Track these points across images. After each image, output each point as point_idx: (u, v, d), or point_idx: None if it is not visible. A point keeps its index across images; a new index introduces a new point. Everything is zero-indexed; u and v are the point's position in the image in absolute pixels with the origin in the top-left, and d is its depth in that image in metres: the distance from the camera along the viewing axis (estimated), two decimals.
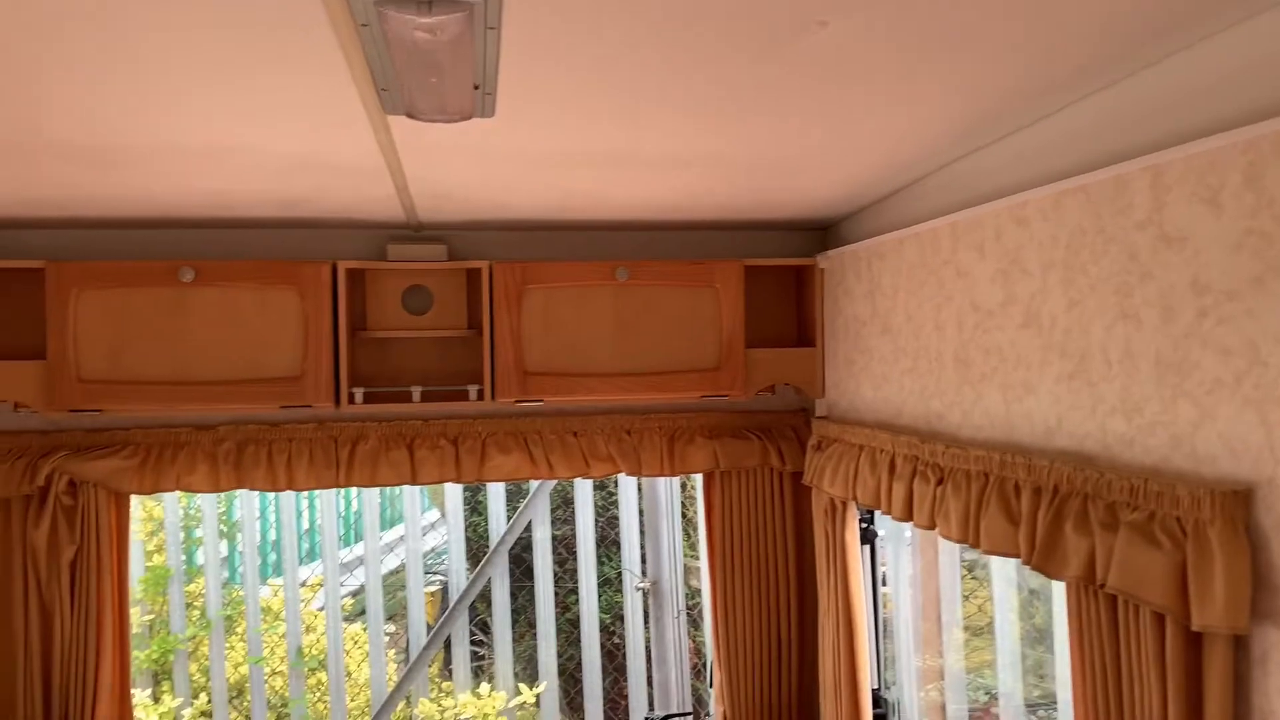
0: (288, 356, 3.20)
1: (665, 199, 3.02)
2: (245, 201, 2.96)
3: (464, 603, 6.21)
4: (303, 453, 3.32)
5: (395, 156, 2.42)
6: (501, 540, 6.14)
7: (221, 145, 2.32)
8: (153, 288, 3.13)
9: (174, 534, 6.51)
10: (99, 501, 3.24)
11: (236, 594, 6.61)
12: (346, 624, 6.70)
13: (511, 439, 3.43)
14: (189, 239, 3.28)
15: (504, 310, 3.27)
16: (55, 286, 3.07)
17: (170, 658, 6.41)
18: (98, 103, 1.98)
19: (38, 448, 3.21)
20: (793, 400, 3.63)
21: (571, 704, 6.56)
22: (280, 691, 6.54)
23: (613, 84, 1.91)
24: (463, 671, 6.27)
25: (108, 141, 2.24)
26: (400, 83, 1.84)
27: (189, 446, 3.29)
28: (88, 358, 3.10)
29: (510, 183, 2.78)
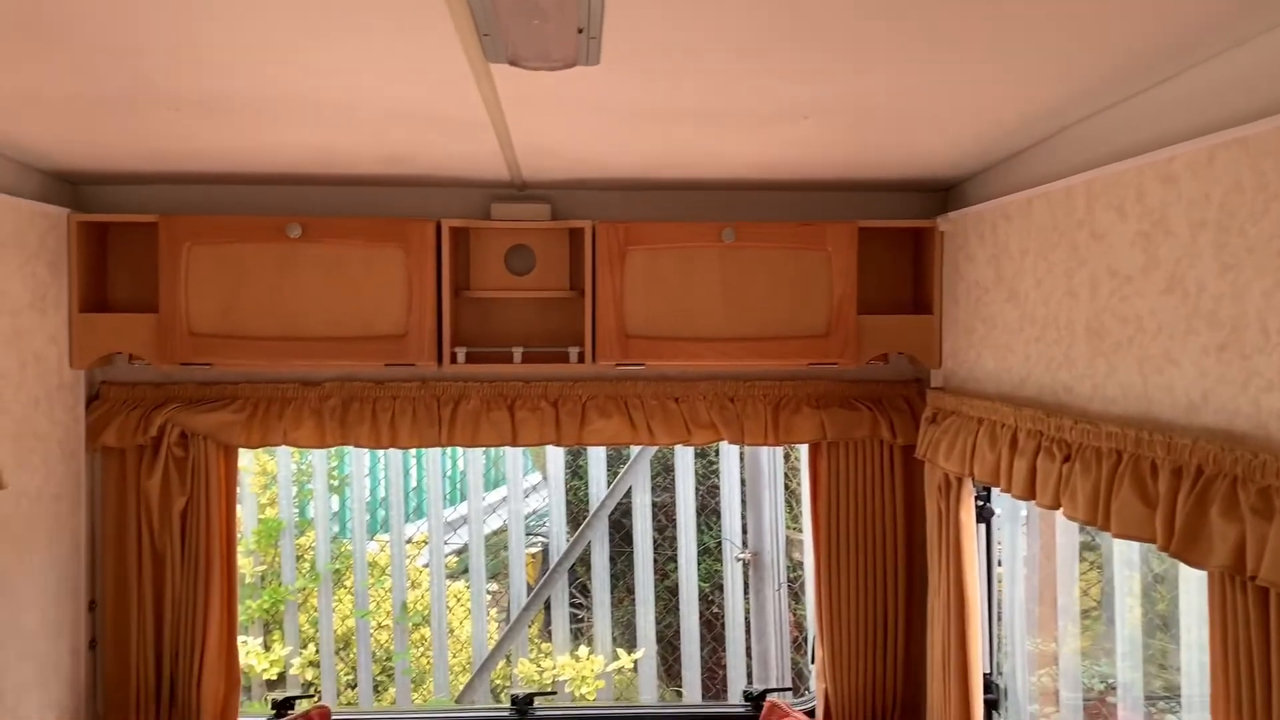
0: (392, 315, 3.19)
1: (776, 157, 2.89)
2: (350, 157, 2.94)
3: (564, 565, 6.22)
4: (406, 411, 3.32)
5: (498, 109, 2.36)
6: (601, 505, 6.12)
7: (324, 97, 2.29)
8: (262, 243, 3.15)
9: (286, 488, 6.69)
10: (209, 454, 3.30)
11: (345, 548, 6.77)
12: (450, 581, 6.80)
13: (612, 403, 3.37)
14: (297, 195, 3.30)
15: (606, 271, 3.20)
16: (168, 240, 3.11)
17: (281, 608, 6.60)
18: (205, 54, 1.96)
19: (151, 400, 3.28)
20: (907, 370, 3.47)
21: (669, 671, 6.53)
22: (385, 645, 6.69)
23: (725, 27, 1.79)
24: (562, 633, 6.30)
25: (215, 92, 2.23)
26: (503, 26, 1.77)
27: (296, 402, 3.32)
28: (198, 311, 3.14)
29: (614, 138, 2.69)
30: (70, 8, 1.70)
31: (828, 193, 3.39)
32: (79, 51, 1.92)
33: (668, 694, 6.52)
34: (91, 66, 2.01)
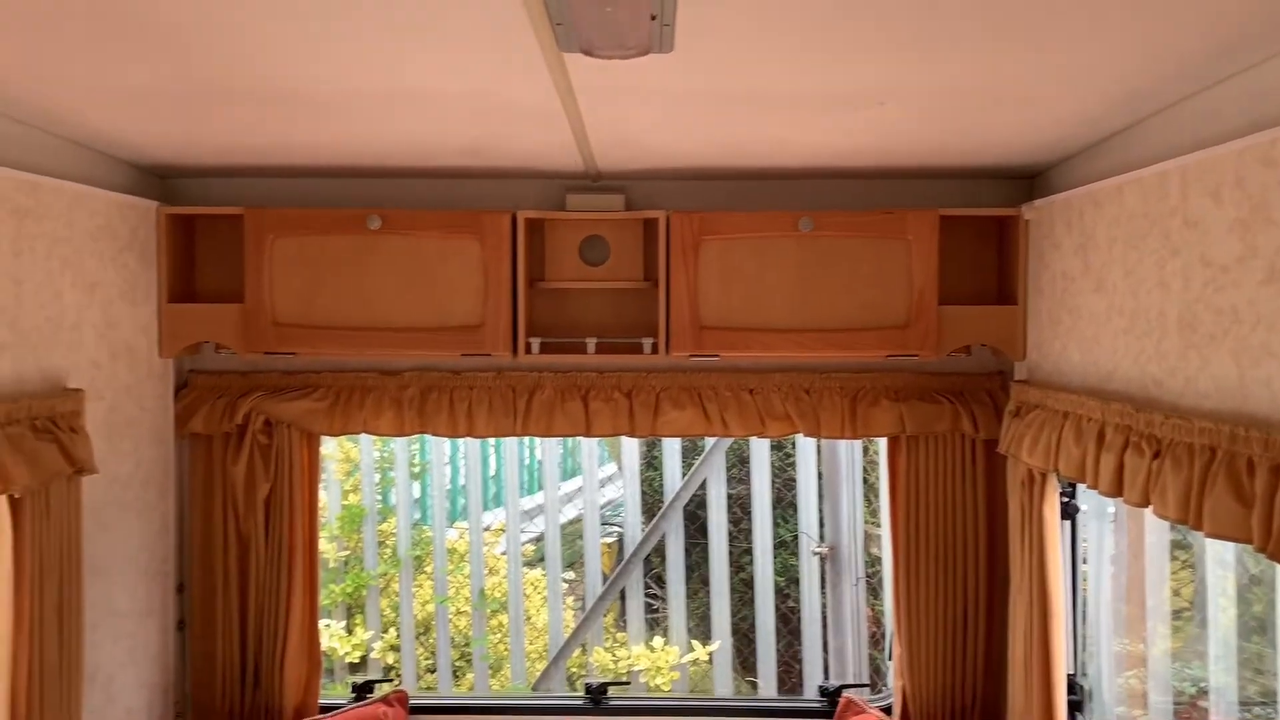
0: (469, 305, 3.22)
1: (854, 143, 2.83)
2: (428, 149, 2.97)
3: (638, 556, 6.23)
4: (482, 401, 3.35)
5: (572, 99, 2.35)
6: (676, 496, 6.11)
7: (401, 90, 2.31)
8: (343, 235, 3.20)
9: (368, 475, 6.82)
10: (292, 441, 3.37)
11: (425, 534, 6.88)
12: (527, 569, 6.87)
13: (685, 394, 3.35)
14: (377, 188, 3.34)
15: (680, 262, 3.18)
16: (253, 232, 3.18)
17: (363, 592, 6.74)
18: (286, 49, 2.00)
19: (237, 388, 3.37)
20: (989, 362, 3.39)
21: (744, 664, 6.50)
22: (464, 630, 6.78)
23: (799, 11, 1.76)
24: (637, 624, 6.31)
25: (295, 87, 2.27)
26: (575, 15, 1.77)
27: (376, 391, 3.37)
28: (282, 301, 3.21)
29: (688, 126, 2.67)
30: (157, 5, 1.74)
31: (908, 180, 3.32)
32: (166, 47, 1.96)
33: (743, 687, 6.49)
34: (178, 62, 2.06)
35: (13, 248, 2.47)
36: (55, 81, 2.25)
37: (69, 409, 2.62)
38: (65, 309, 2.71)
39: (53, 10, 1.75)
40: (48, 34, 1.90)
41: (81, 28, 1.86)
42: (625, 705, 3.65)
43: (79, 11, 1.77)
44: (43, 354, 2.60)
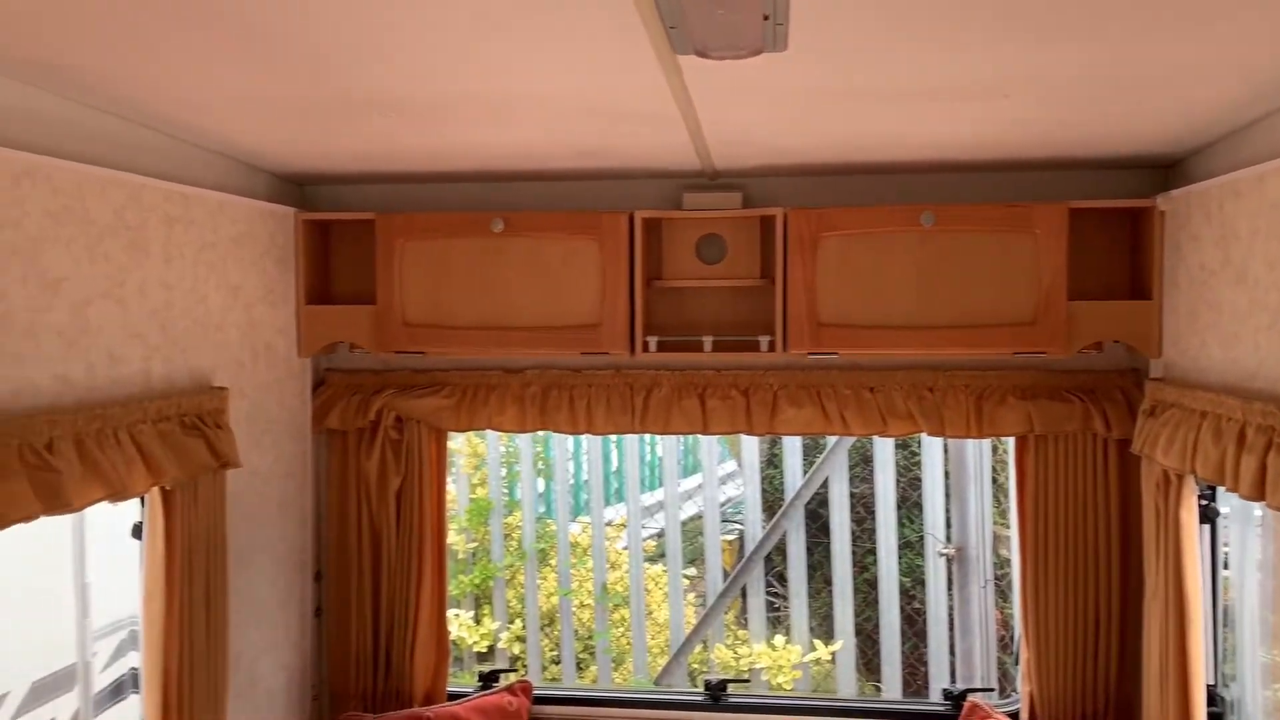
0: (588, 305, 3.28)
1: (976, 136, 2.77)
2: (548, 152, 3.04)
3: (759, 554, 6.22)
4: (601, 398, 3.41)
5: (687, 100, 2.37)
6: (797, 494, 6.07)
7: (520, 96, 2.37)
8: (468, 238, 3.30)
9: (495, 469, 6.99)
10: (422, 436, 3.50)
11: (549, 528, 7.01)
12: (648, 565, 6.93)
13: (804, 392, 3.33)
14: (500, 191, 3.44)
15: (798, 259, 3.16)
16: (384, 237, 3.31)
17: (490, 584, 6.92)
18: (412, 60, 2.08)
19: (370, 386, 3.51)
20: (1122, 359, 3.26)
21: (868, 665, 6.41)
22: (587, 624, 6.89)
23: (916, 5, 1.73)
24: (758, 622, 6.30)
25: (422, 96, 2.35)
26: (688, 18, 1.78)
27: (499, 389, 3.46)
28: (411, 302, 3.33)
29: (805, 123, 2.66)
30: (295, 26, 1.83)
31: (1034, 172, 3.22)
32: (303, 64, 2.07)
33: (866, 688, 6.41)
34: (314, 77, 2.16)
35: (163, 254, 2.64)
36: (201, 98, 2.40)
37: (215, 406, 2.78)
38: (211, 312, 2.87)
39: (200, 34, 1.87)
40: (195, 55, 2.03)
41: (226, 48, 1.98)
42: (744, 702, 3.66)
43: (224, 34, 1.88)
44: (190, 354, 2.77)
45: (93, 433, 2.26)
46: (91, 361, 2.35)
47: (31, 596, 3.69)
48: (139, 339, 2.54)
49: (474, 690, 3.66)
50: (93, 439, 2.26)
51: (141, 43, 1.97)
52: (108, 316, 2.41)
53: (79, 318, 2.31)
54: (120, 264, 2.46)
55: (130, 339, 2.50)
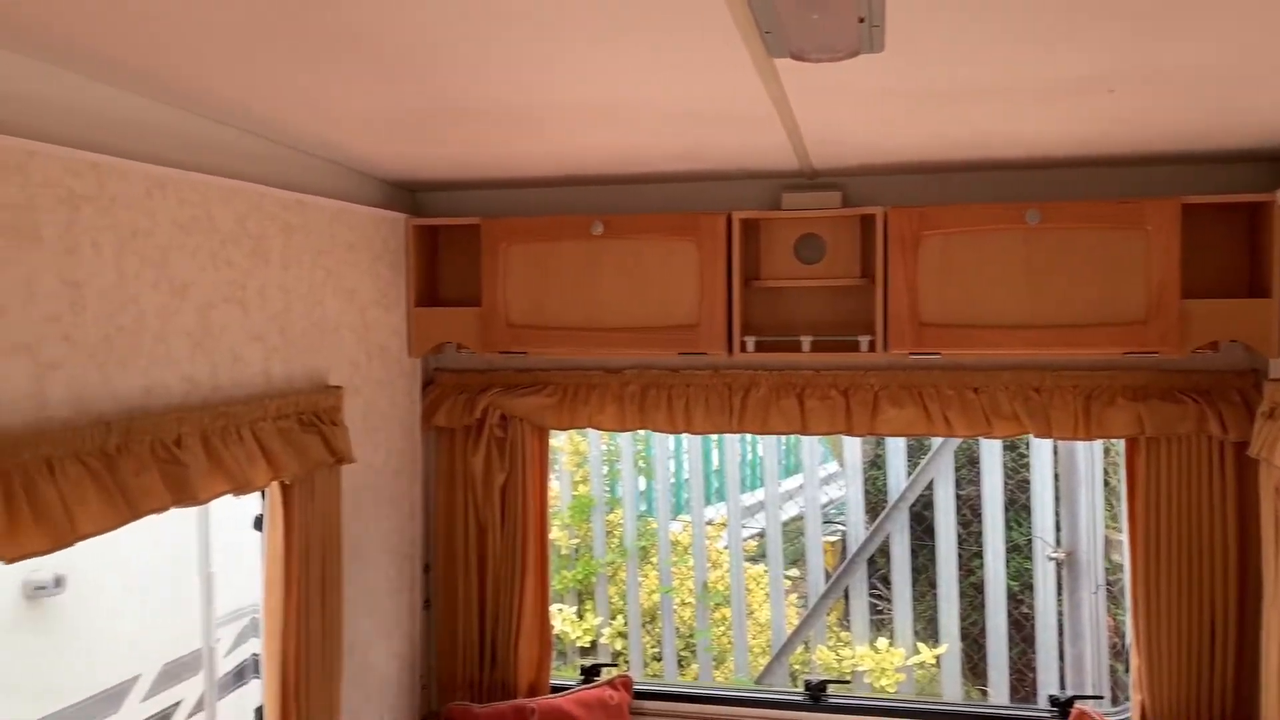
0: (686, 305, 3.31)
1: (1081, 131, 2.71)
2: (646, 155, 3.08)
3: (862, 555, 6.16)
4: (699, 398, 3.44)
5: (785, 102, 2.39)
6: (901, 496, 6.00)
7: (619, 102, 2.42)
8: (569, 240, 3.37)
9: (596, 467, 7.09)
10: (525, 434, 3.58)
11: (650, 526, 7.08)
12: (749, 564, 6.93)
13: (905, 393, 3.30)
14: (600, 194, 3.50)
15: (899, 258, 3.14)
16: (488, 241, 3.41)
17: (593, 580, 7.02)
18: (514, 72, 2.14)
19: (476, 385, 3.61)
20: (1240, 359, 3.14)
21: (974, 670, 6.30)
22: (688, 621, 6.93)
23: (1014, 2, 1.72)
24: (860, 624, 6.25)
25: (524, 105, 2.42)
26: (783, 23, 1.80)
27: (599, 388, 3.53)
28: (515, 304, 3.42)
29: (905, 122, 2.64)
30: (405, 42, 1.92)
31: (1144, 167, 3.13)
32: (414, 77, 2.16)
33: (972, 693, 6.29)
34: (424, 89, 2.25)
35: (282, 260, 2.77)
36: (322, 113, 2.52)
37: (330, 404, 2.91)
38: (327, 314, 3.00)
39: (314, 49, 1.97)
40: (319, 76, 2.13)
41: (347, 69, 2.08)
42: (845, 703, 3.64)
43: (346, 57, 1.98)
44: (308, 355, 2.90)
45: (218, 430, 2.40)
46: (216, 362, 2.49)
47: (162, 585, 3.89)
48: (260, 341, 2.67)
49: (576, 683, 3.73)
50: (218, 435, 2.39)
51: (269, 68, 2.10)
52: (231, 320, 2.55)
53: (205, 321, 2.45)
54: (243, 269, 2.60)
55: (251, 341, 2.64)
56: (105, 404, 2.13)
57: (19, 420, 1.92)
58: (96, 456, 2.03)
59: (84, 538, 1.94)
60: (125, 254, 2.19)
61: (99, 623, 3.66)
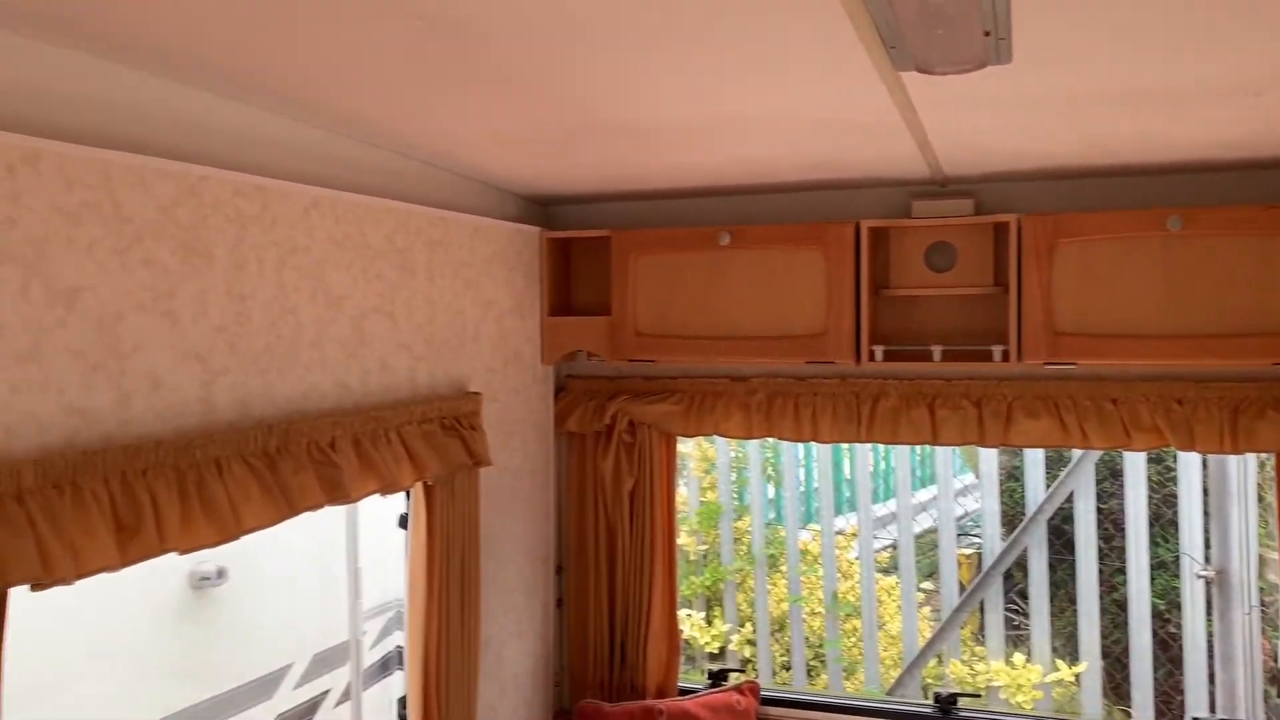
0: (813, 314, 3.33)
1: (1227, 134, 2.62)
2: (773, 167, 3.12)
3: (998, 569, 6.02)
4: (826, 407, 3.44)
5: (912, 113, 2.40)
6: (1039, 509, 5.84)
7: (747, 117, 2.47)
8: (696, 251, 3.43)
9: (724, 474, 7.12)
10: (653, 440, 3.66)
11: (779, 534, 7.06)
12: (880, 576, 6.85)
13: (1040, 403, 3.24)
14: (726, 205, 3.55)
15: (1033, 266, 3.08)
16: (618, 252, 3.50)
17: (721, 586, 7.05)
18: (645, 90, 2.23)
19: (605, 392, 3.71)
20: None
21: (1116, 690, 6.06)
22: (818, 631, 6.89)
23: (1145, 8, 1.70)
24: (996, 639, 6.10)
25: (654, 121, 2.51)
26: (907, 39, 1.82)
27: (726, 396, 3.57)
28: (643, 314, 3.50)
29: (1036, 130, 2.61)
30: (544, 67, 2.02)
31: None
32: (550, 99, 2.27)
33: (1115, 713, 6.06)
34: (559, 109, 2.36)
35: (427, 273, 2.93)
36: (463, 134, 2.66)
37: (470, 410, 3.05)
38: (467, 323, 3.15)
39: (463, 79, 2.09)
40: (461, 101, 2.27)
41: (487, 94, 2.21)
42: (975, 716, 3.59)
43: (486, 83, 2.10)
44: (450, 363, 3.05)
45: (368, 433, 2.55)
46: (367, 369, 2.65)
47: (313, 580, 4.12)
48: (406, 349, 2.83)
49: (703, 687, 3.78)
50: (368, 438, 2.55)
51: (420, 97, 2.24)
52: (380, 329, 2.71)
53: (357, 331, 2.61)
54: (390, 282, 2.75)
55: (398, 349, 2.80)
56: (266, 408, 2.30)
57: (191, 423, 2.10)
58: (259, 457, 2.20)
59: (248, 532, 2.10)
60: (285, 269, 2.36)
61: (256, 614, 3.91)
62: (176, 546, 1.95)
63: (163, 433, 2.02)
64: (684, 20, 1.75)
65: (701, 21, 1.76)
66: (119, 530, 1.83)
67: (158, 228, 2.02)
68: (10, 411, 1.74)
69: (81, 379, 1.86)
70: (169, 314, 2.05)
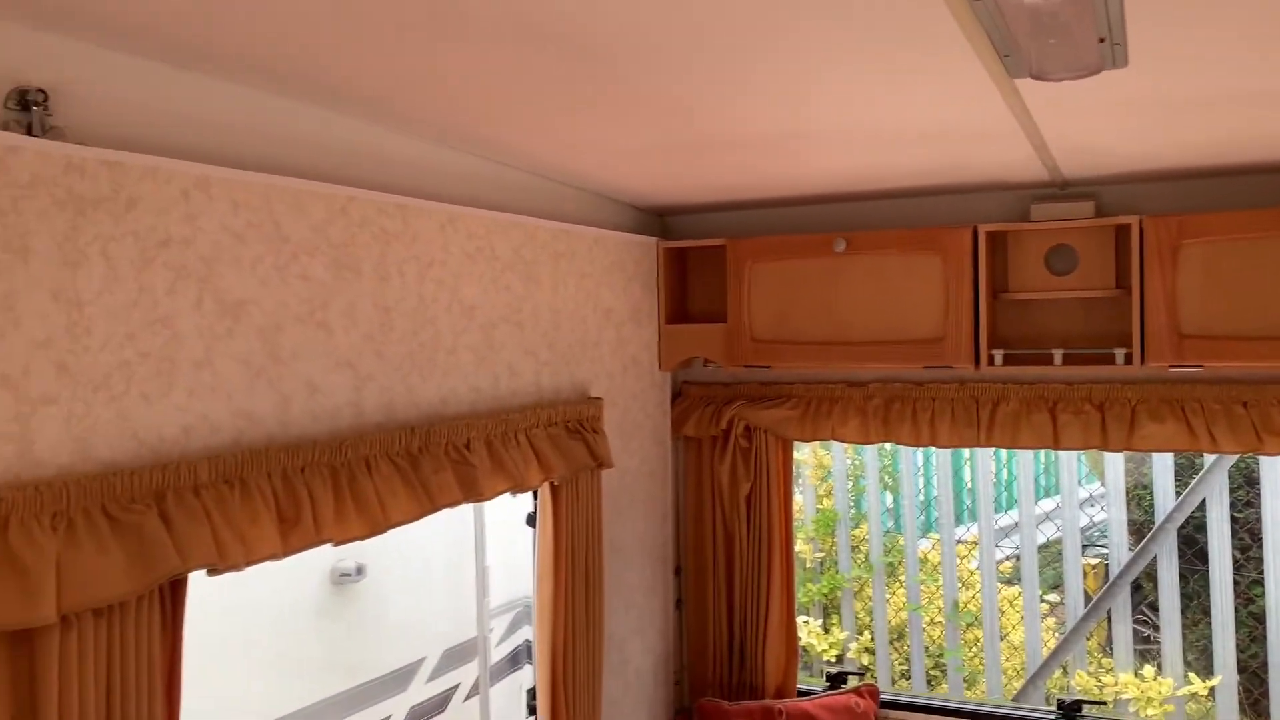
0: (930, 319, 3.34)
1: None
2: (889, 174, 3.16)
3: (1125, 578, 5.86)
4: (945, 411, 3.45)
5: (1028, 118, 2.42)
6: (1168, 517, 5.66)
7: (862, 126, 2.53)
8: (811, 258, 3.49)
9: (841, 481, 7.11)
10: (769, 445, 3.73)
11: (897, 543, 7.01)
12: (1002, 586, 6.73)
13: (1166, 407, 3.18)
14: (842, 212, 3.60)
15: (1156, 267, 3.04)
16: (733, 260, 3.58)
17: (838, 594, 7.04)
18: (758, 104, 2.31)
19: (721, 397, 3.80)
20: None
21: (1254, 705, 5.83)
22: (937, 641, 6.81)
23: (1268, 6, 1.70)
24: (1124, 650, 5.93)
25: (768, 134, 2.59)
26: (1021, 47, 1.86)
27: (842, 401, 3.61)
28: (759, 320, 3.57)
29: (1156, 132, 2.59)
30: (661, 84, 2.13)
31: None
32: (668, 115, 2.37)
33: None
34: (676, 124, 2.47)
35: (551, 284, 3.06)
36: (584, 150, 2.79)
37: (592, 414, 3.17)
38: (588, 331, 3.28)
39: (588, 99, 2.22)
40: (583, 120, 2.40)
41: (608, 113, 2.33)
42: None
43: (607, 102, 2.22)
44: (573, 368, 3.18)
45: (499, 434, 2.70)
46: (497, 374, 2.80)
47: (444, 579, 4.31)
48: (532, 355, 2.97)
49: (822, 689, 3.82)
50: (499, 440, 2.69)
51: (546, 118, 2.38)
52: (509, 337, 2.86)
53: (488, 338, 2.77)
54: (518, 293, 2.90)
55: (525, 355, 2.94)
56: (409, 411, 2.46)
57: (343, 425, 2.27)
58: (403, 456, 2.36)
59: (394, 526, 2.26)
60: (425, 281, 2.52)
61: (391, 610, 4.11)
62: (331, 537, 2.11)
63: (317, 434, 2.19)
64: (798, 35, 1.83)
65: (815, 35, 1.84)
66: (281, 521, 2.01)
67: (312, 245, 2.20)
68: (188, 413, 1.92)
69: (247, 385, 2.05)
70: (323, 325, 2.22)
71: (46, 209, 1.69)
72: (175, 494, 1.82)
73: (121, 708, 1.71)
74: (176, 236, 1.90)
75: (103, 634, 1.68)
